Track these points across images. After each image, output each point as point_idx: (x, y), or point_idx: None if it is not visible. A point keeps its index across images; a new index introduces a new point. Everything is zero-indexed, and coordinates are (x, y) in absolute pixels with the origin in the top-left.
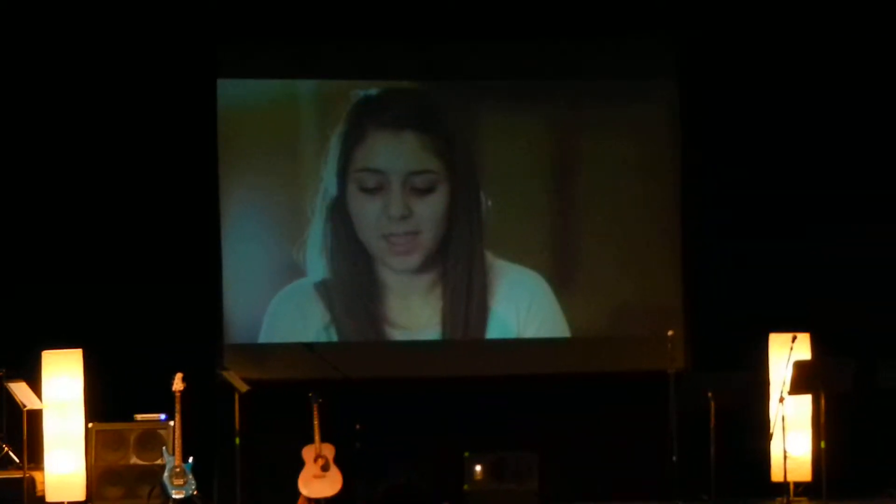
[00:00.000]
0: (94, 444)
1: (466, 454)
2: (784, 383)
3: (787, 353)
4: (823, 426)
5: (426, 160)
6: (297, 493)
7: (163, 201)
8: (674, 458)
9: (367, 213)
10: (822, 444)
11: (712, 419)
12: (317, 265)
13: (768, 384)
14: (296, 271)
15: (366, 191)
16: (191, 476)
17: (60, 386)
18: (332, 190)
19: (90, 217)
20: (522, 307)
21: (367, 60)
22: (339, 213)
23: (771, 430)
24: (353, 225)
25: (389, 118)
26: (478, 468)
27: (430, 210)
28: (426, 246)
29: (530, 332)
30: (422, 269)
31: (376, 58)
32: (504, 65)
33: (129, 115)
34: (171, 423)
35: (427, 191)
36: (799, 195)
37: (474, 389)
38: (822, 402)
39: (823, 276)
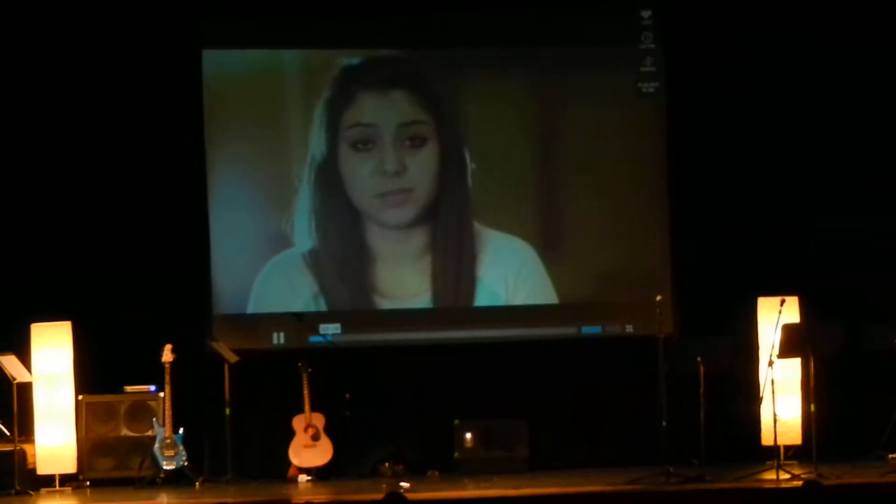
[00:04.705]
0: (85, 417)
1: (456, 422)
2: (773, 347)
3: (775, 316)
4: (813, 389)
5: (416, 113)
6: (287, 463)
7: (149, 174)
8: (663, 423)
9: (361, 172)
10: (812, 408)
11: (701, 384)
12: (304, 235)
13: (757, 348)
14: (284, 241)
15: (358, 149)
16: (181, 447)
17: (50, 359)
18: (322, 155)
19: (78, 191)
20: (511, 275)
21: (351, 30)
22: (330, 179)
23: (760, 394)
24: (344, 188)
25: (376, 80)
26: (468, 436)
27: (422, 165)
28: (420, 202)
29: (519, 299)
30: (415, 224)
31: (360, 27)
32: (487, 32)
33: (114, 88)
34: (161, 394)
35: (419, 145)
36: (787, 159)
37: (464, 357)
38: (812, 365)
39: (811, 239)
